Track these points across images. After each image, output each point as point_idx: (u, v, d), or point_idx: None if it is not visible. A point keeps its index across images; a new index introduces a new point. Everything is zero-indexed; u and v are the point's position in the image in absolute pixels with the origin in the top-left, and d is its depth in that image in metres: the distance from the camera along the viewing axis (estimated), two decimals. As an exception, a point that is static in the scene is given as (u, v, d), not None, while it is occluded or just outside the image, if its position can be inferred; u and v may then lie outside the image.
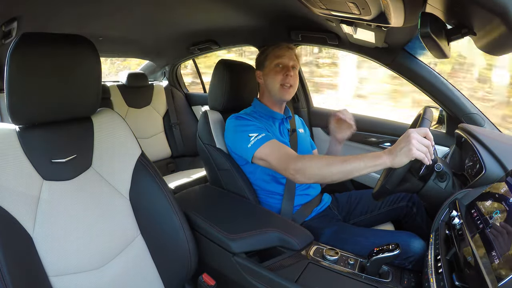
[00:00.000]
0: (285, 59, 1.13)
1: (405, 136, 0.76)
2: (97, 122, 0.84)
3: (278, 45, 1.17)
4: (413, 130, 0.75)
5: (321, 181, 0.95)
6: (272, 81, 1.14)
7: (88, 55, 0.76)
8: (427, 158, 0.74)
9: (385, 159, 0.77)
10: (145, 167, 0.87)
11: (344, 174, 0.82)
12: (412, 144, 0.73)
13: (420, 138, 0.74)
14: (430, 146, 0.75)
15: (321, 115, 1.79)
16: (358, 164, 0.80)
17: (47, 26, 1.34)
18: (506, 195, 0.62)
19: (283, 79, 1.13)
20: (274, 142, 0.99)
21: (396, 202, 1.18)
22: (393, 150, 0.76)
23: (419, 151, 0.73)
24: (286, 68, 1.13)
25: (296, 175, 0.88)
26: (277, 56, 1.14)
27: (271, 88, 1.15)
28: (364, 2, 0.80)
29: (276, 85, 1.13)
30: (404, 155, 0.74)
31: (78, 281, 0.73)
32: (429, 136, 0.75)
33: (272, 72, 1.14)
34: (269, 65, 1.15)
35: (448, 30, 0.71)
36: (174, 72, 2.52)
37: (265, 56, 1.16)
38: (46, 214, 0.70)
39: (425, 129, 0.76)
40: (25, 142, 0.71)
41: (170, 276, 0.87)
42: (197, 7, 1.36)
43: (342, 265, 0.81)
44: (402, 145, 0.75)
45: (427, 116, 0.85)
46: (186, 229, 0.86)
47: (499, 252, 0.51)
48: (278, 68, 1.13)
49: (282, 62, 1.13)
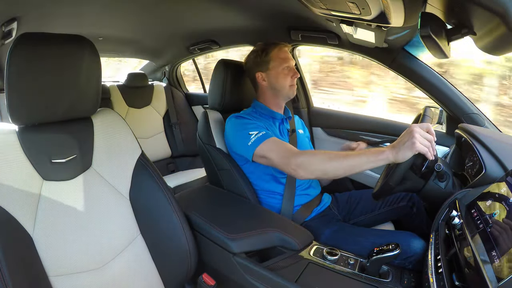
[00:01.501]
0: (290, 61, 1.16)
1: (408, 131, 0.76)
2: (97, 122, 0.84)
3: (278, 45, 1.16)
4: (415, 125, 0.76)
5: (323, 177, 0.94)
6: (283, 82, 1.16)
7: (88, 55, 0.76)
8: (430, 153, 0.74)
9: (388, 154, 0.77)
10: (145, 167, 0.87)
11: (347, 169, 0.82)
12: (415, 138, 0.73)
13: (422, 132, 0.75)
14: (433, 140, 0.75)
15: (321, 115, 1.79)
16: (361, 159, 0.80)
17: (47, 26, 1.34)
18: (506, 195, 0.62)
19: (291, 81, 1.16)
20: (274, 139, 0.99)
21: (396, 202, 1.18)
22: (396, 144, 0.77)
23: (422, 145, 0.73)
24: (293, 70, 1.16)
25: (298, 169, 0.88)
26: (283, 59, 1.15)
27: (281, 89, 1.16)
28: (364, 2, 0.80)
29: (287, 86, 1.16)
30: (408, 149, 0.74)
31: (78, 281, 0.73)
32: (431, 131, 0.76)
33: (282, 75, 1.15)
34: (275, 67, 1.15)
35: (448, 30, 0.71)
36: (174, 72, 2.52)
37: (269, 58, 1.16)
38: (46, 214, 0.70)
39: (427, 124, 0.77)
40: (25, 142, 0.71)
41: (170, 276, 0.87)
42: (197, 7, 1.36)
43: (342, 265, 0.81)
44: (405, 139, 0.75)
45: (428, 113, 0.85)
46: (186, 229, 0.86)
47: (499, 252, 0.51)
48: (286, 71, 1.15)
49: (289, 65, 1.15)
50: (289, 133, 1.21)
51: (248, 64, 1.21)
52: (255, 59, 1.18)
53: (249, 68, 1.21)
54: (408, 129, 0.77)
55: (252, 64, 1.19)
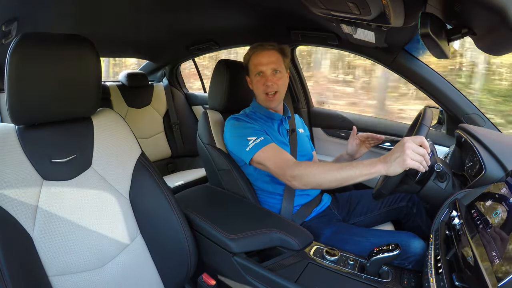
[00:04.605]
0: (263, 66, 1.08)
1: (400, 145, 0.76)
2: (97, 122, 0.84)
3: (257, 47, 1.11)
4: (408, 139, 0.76)
5: (317, 188, 0.99)
6: (256, 90, 1.12)
7: (88, 55, 0.76)
8: (422, 166, 0.74)
9: (380, 168, 0.78)
10: (145, 167, 0.87)
11: (340, 181, 0.84)
12: (406, 155, 0.73)
13: (415, 147, 0.74)
14: (426, 154, 0.75)
15: (321, 115, 1.79)
16: (354, 172, 0.81)
17: (47, 26, 1.34)
18: (506, 195, 0.62)
19: (265, 89, 1.09)
20: (272, 147, 1.00)
21: (396, 202, 1.18)
22: (388, 158, 0.77)
23: (414, 160, 0.73)
24: (265, 77, 1.08)
25: (293, 181, 0.90)
26: (255, 64, 1.09)
27: (257, 97, 1.14)
28: (364, 2, 0.80)
29: (261, 94, 1.11)
30: (398, 165, 0.75)
31: (78, 281, 0.73)
32: (424, 145, 0.75)
33: (254, 81, 1.12)
34: (251, 73, 1.12)
35: (448, 30, 0.71)
36: (174, 72, 2.51)
37: (247, 62, 1.13)
38: (46, 214, 0.70)
39: (420, 137, 0.76)
40: (25, 142, 0.71)
41: (170, 276, 0.87)
42: (197, 7, 1.36)
43: (342, 265, 0.81)
44: (396, 154, 0.75)
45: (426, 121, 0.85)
46: (186, 229, 0.86)
47: (499, 252, 0.51)
48: (258, 77, 1.10)
49: (261, 70, 1.08)
50: (288, 133, 1.21)
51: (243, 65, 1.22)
52: (243, 61, 1.18)
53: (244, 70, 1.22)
54: (400, 142, 0.77)
55: (244, 66, 1.19)
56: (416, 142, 0.75)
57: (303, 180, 0.89)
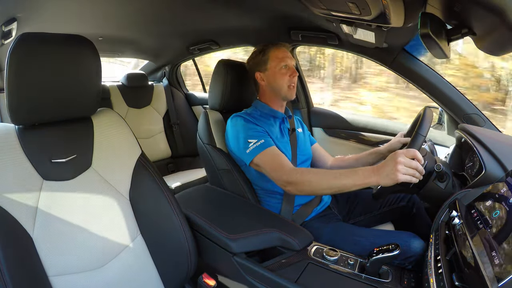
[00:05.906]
0: (288, 60, 1.16)
1: (392, 158, 0.77)
2: (97, 122, 0.84)
3: (276, 45, 1.17)
4: (400, 153, 0.76)
5: (311, 195, 1.03)
6: (280, 82, 1.16)
7: (88, 55, 0.76)
8: (414, 178, 0.75)
9: (373, 179, 0.80)
10: (145, 167, 0.87)
11: (334, 190, 0.87)
12: (397, 170, 0.74)
13: (407, 161, 0.75)
14: (418, 166, 0.76)
15: (321, 115, 1.79)
16: (348, 182, 0.83)
17: (47, 26, 1.34)
18: (506, 195, 0.62)
19: (290, 80, 1.15)
20: (272, 150, 1.01)
21: (396, 202, 1.18)
22: (380, 170, 0.78)
23: (405, 174, 0.74)
24: (291, 69, 1.16)
25: (287, 187, 0.93)
26: (280, 58, 1.15)
27: (279, 89, 1.17)
28: (364, 2, 0.80)
29: (285, 86, 1.16)
30: (389, 179, 0.76)
31: (78, 281, 0.72)
32: (417, 157, 0.76)
33: (279, 74, 1.15)
34: (273, 67, 1.16)
35: (448, 30, 0.71)
36: (174, 72, 2.51)
37: (267, 58, 1.17)
38: (46, 214, 0.70)
39: (413, 151, 0.77)
40: (25, 142, 0.71)
41: (170, 276, 0.87)
42: (197, 7, 1.36)
43: (342, 265, 0.81)
44: (388, 168, 0.76)
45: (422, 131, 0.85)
46: (186, 229, 0.86)
47: (499, 253, 0.51)
48: (284, 70, 1.15)
49: (287, 64, 1.15)
50: (289, 132, 1.22)
51: (249, 64, 1.23)
52: (254, 59, 1.20)
53: (250, 68, 1.23)
54: (393, 155, 0.77)
55: (252, 64, 1.21)
56: (409, 156, 0.76)
57: (298, 188, 0.91)
